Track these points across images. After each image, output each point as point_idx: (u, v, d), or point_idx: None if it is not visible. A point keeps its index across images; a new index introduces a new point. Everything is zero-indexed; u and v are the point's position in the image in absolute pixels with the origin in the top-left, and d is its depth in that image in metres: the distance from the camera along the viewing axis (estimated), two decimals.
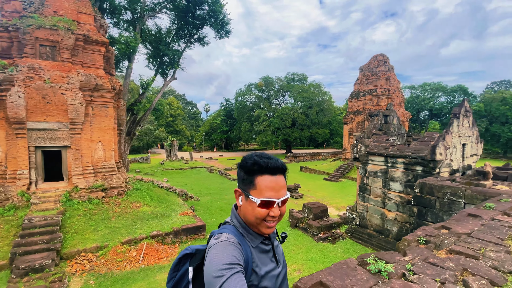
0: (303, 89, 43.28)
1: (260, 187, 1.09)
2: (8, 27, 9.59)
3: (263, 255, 1.17)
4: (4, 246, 7.86)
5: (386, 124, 12.03)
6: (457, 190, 7.00)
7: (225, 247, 1.01)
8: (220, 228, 1.20)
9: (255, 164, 1.10)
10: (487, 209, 4.93)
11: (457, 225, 4.04)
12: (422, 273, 2.67)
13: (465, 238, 3.52)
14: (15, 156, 9.78)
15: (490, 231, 3.75)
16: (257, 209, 1.10)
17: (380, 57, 25.80)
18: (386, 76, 24.86)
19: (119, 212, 10.88)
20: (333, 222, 11.87)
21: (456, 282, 2.53)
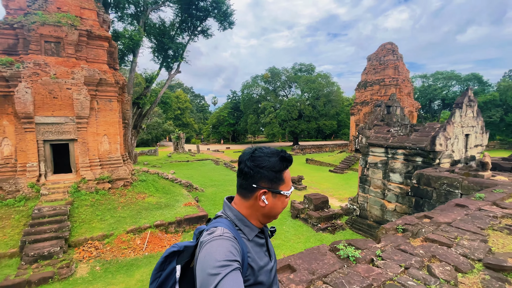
0: (310, 80, 42.70)
1: (286, 180, 1.16)
2: (13, 25, 9.90)
3: (258, 248, 1.16)
4: (15, 235, 8.36)
5: (389, 115, 11.86)
6: (454, 181, 6.94)
7: (221, 242, 0.97)
8: (213, 222, 1.15)
9: (285, 161, 1.14)
10: (476, 200, 4.91)
11: (440, 215, 4.07)
12: (390, 258, 2.75)
13: (444, 227, 3.56)
14: (24, 149, 10.25)
15: (472, 221, 3.77)
16: (285, 200, 1.18)
17: (388, 45, 25.08)
18: (395, 65, 24.20)
19: (125, 203, 11.30)
20: (334, 213, 11.95)
21: (421, 267, 2.61)
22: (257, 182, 1.11)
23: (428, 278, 2.37)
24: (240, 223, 1.13)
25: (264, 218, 1.18)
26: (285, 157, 1.14)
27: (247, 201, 1.15)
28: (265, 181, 1.11)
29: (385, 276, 2.41)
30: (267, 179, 1.11)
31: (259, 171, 1.10)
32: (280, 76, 45.03)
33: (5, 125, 10.02)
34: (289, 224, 11.79)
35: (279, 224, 11.74)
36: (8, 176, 10.04)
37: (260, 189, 1.11)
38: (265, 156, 1.13)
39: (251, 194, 1.13)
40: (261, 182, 1.11)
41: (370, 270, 2.52)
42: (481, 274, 2.50)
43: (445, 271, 2.48)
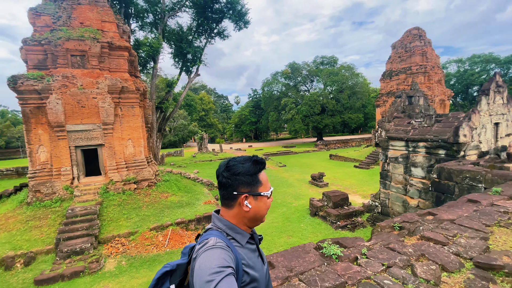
0: (333, 72, 41.43)
1: (263, 181, 1.22)
2: (41, 41, 10.93)
3: (251, 254, 1.20)
4: (51, 233, 9.30)
5: (411, 106, 11.18)
6: (477, 174, 6.41)
7: (215, 251, 1.00)
8: (204, 234, 1.19)
9: (258, 164, 1.21)
10: (492, 194, 4.53)
11: (445, 211, 3.84)
12: (374, 257, 2.69)
13: (445, 225, 3.36)
14: (58, 155, 11.31)
15: (479, 217, 3.51)
16: (268, 200, 1.24)
17: (414, 31, 23.46)
18: (422, 52, 22.60)
19: (149, 202, 11.99)
20: (354, 210, 11.60)
21: (405, 266, 2.52)
22: (236, 189, 1.17)
23: (408, 277, 2.29)
24: (231, 231, 1.18)
25: (251, 222, 1.23)
26: (257, 160, 1.22)
27: (231, 209, 1.20)
28: (243, 186, 1.17)
29: (362, 275, 2.37)
30: (245, 184, 1.17)
31: (236, 178, 1.16)
32: (301, 71, 44.25)
33: (40, 133, 11.14)
34: (307, 221, 11.68)
35: (297, 222, 11.70)
36: (45, 180, 11.17)
37: (241, 195, 1.17)
38: (238, 164, 1.20)
39: (233, 202, 1.19)
40: (240, 188, 1.17)
41: (348, 268, 2.50)
42: (467, 273, 2.37)
43: (429, 271, 2.37)
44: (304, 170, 22.85)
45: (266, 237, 10.08)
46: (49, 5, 11.76)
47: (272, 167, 24.26)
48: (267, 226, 11.24)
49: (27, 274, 7.96)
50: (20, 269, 8.20)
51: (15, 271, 8.12)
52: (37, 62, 11.38)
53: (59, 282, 7.69)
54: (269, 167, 24.36)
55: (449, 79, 43.39)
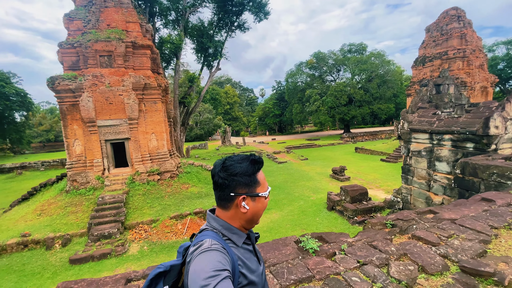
0: (361, 60, 39.35)
1: (261, 182, 1.19)
2: (74, 44, 11.88)
3: (248, 254, 1.19)
4: (84, 218, 10.29)
5: (438, 95, 10.34)
6: (506, 170, 5.82)
7: (210, 253, 0.98)
8: (199, 235, 1.16)
9: (256, 163, 1.18)
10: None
11: (450, 210, 3.61)
12: (352, 254, 2.66)
13: (443, 224, 3.17)
14: (91, 148, 12.36)
15: (487, 218, 3.25)
16: (265, 201, 1.21)
17: (452, 11, 21.29)
18: (461, 34, 20.48)
19: (171, 192, 12.68)
20: (373, 205, 11.18)
21: (381, 265, 2.47)
22: (234, 190, 1.13)
23: (380, 276, 2.25)
24: (227, 232, 1.15)
25: (248, 223, 1.20)
26: (255, 160, 1.18)
27: (228, 211, 1.17)
28: (241, 187, 1.13)
29: (332, 270, 2.37)
30: (243, 185, 1.13)
31: (233, 179, 1.12)
32: (327, 61, 42.66)
33: (75, 129, 12.24)
34: (323, 216, 11.53)
35: (312, 216, 11.60)
36: (80, 171, 12.31)
37: (238, 196, 1.13)
38: (236, 164, 1.15)
39: (230, 203, 1.15)
40: (237, 189, 1.13)
41: (321, 263, 2.50)
42: (449, 277, 2.25)
43: (405, 271, 2.30)
44: (326, 164, 22.34)
45: (280, 230, 10.17)
46: (80, 10, 12.68)
47: (293, 160, 24.07)
48: (282, 218, 11.30)
49: (63, 254, 8.97)
50: (58, 249, 9.25)
51: (54, 250, 9.18)
52: (71, 64, 12.42)
53: (89, 262, 8.56)
54: (290, 160, 24.20)
55: (496, 63, 38.94)
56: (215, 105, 51.26)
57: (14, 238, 9.23)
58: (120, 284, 2.37)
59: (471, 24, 20.99)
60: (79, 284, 2.38)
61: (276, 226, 10.49)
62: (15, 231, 9.75)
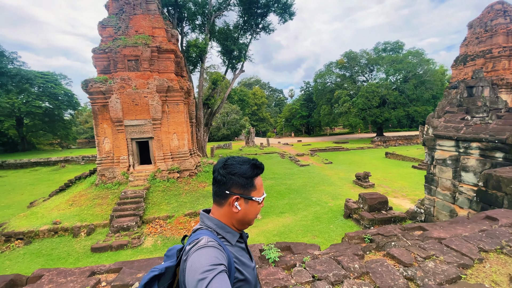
0: (396, 59, 37.00)
1: (258, 186, 1.22)
2: (105, 49, 12.92)
3: (242, 252, 1.23)
4: (108, 210, 11.14)
5: (470, 98, 9.37)
6: None
7: (207, 250, 1.01)
8: (194, 234, 1.19)
9: (256, 168, 1.22)
10: None
11: (442, 228, 3.30)
12: (312, 267, 2.58)
13: (427, 243, 2.92)
14: (118, 146, 13.35)
15: (480, 239, 2.92)
16: (258, 206, 1.23)
17: (497, 6, 19.07)
18: (507, 30, 18.26)
19: (188, 190, 13.18)
20: (393, 216, 10.48)
21: (335, 282, 2.36)
22: (229, 189, 1.18)
23: None
24: (221, 230, 1.19)
25: (239, 224, 1.23)
26: (256, 164, 1.23)
27: (221, 208, 1.21)
28: (237, 187, 1.18)
29: (281, 283, 2.32)
30: (239, 185, 1.18)
31: (231, 178, 1.17)
32: (359, 60, 40.86)
33: (105, 127, 13.30)
34: (338, 223, 11.09)
35: (327, 223, 11.23)
36: (108, 166, 13.35)
37: (232, 195, 1.18)
38: (236, 164, 1.21)
39: (224, 200, 1.20)
40: (233, 188, 1.18)
41: (274, 274, 2.46)
42: None
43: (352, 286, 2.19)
44: (351, 169, 21.42)
45: (290, 235, 10.02)
46: (112, 18, 13.77)
47: (316, 164, 23.47)
48: (295, 223, 11.11)
49: (87, 242, 9.82)
50: (83, 237, 10.15)
51: (80, 238, 10.09)
52: (103, 68, 13.54)
53: (108, 252, 9.25)
54: (313, 163, 23.63)
55: None
56: (243, 106, 51.96)
57: (46, 225, 10.33)
58: (84, 276, 2.57)
59: None
60: (51, 272, 2.63)
61: (286, 231, 10.36)
62: (48, 219, 10.91)
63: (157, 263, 3.44)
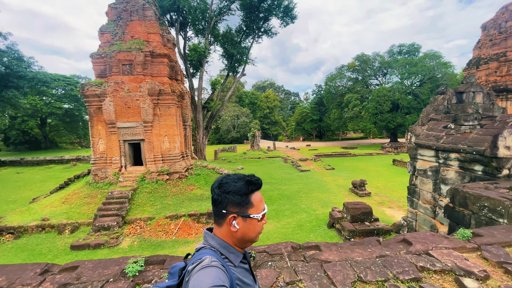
0: (411, 62, 35.40)
1: (255, 203, 1.19)
2: (102, 54, 13.47)
3: (245, 274, 1.20)
4: (95, 209, 11.50)
5: (459, 105, 8.70)
6: (498, 204, 4.62)
7: (210, 270, 0.99)
8: (197, 253, 1.16)
9: (251, 184, 1.19)
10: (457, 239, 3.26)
11: (338, 249, 3.05)
12: None
13: (307, 266, 2.71)
14: (111, 147, 13.80)
15: (369, 267, 2.65)
16: (257, 224, 1.20)
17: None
18: None
19: (175, 193, 13.33)
20: (377, 228, 9.93)
21: None
22: (225, 208, 1.16)
23: None
24: (225, 250, 1.16)
25: (240, 243, 1.20)
26: (251, 181, 1.20)
27: (221, 228, 1.19)
28: (233, 205, 1.16)
29: None
30: (235, 204, 1.16)
31: (226, 197, 1.16)
32: (372, 63, 39.56)
33: (99, 129, 13.82)
34: (319, 233, 10.70)
35: (308, 231, 10.87)
36: (102, 166, 13.83)
37: (229, 214, 1.16)
38: (231, 182, 1.19)
39: (222, 220, 1.18)
40: (229, 207, 1.16)
41: None
42: None
43: None
44: (353, 176, 20.66)
45: (266, 242, 9.78)
46: (110, 24, 14.35)
47: (317, 169, 22.89)
48: (275, 231, 10.87)
49: (69, 239, 10.18)
50: (67, 234, 10.55)
51: (63, 235, 10.49)
52: (100, 72, 14.11)
53: (86, 250, 9.53)
54: (314, 168, 23.07)
55: None
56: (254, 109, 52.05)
57: (35, 221, 10.86)
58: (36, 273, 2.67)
59: None
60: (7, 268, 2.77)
61: (263, 238, 10.13)
62: (40, 215, 11.46)
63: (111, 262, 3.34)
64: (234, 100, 53.92)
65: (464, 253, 2.96)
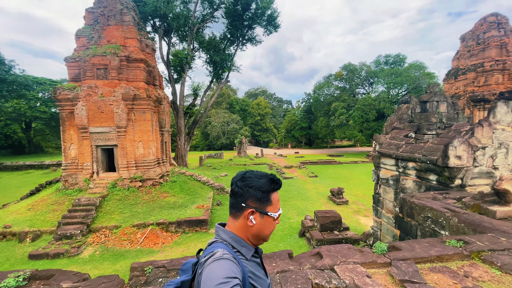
0: (396, 72, 36.08)
1: (274, 202, 1.21)
2: (76, 58, 13.26)
3: (257, 267, 1.21)
4: (60, 217, 11.09)
5: (423, 114, 8.76)
6: (440, 216, 4.55)
7: (222, 262, 1.00)
8: (210, 247, 1.17)
9: (273, 183, 1.21)
10: (375, 252, 3.14)
11: None
12: None
13: None
14: (83, 152, 13.47)
15: None
16: (272, 223, 1.22)
17: (491, 18, 18.20)
18: (500, 44, 17.30)
19: (147, 200, 13.00)
20: (345, 237, 9.77)
21: None
22: (245, 201, 1.19)
23: None
24: (237, 244, 1.17)
25: (254, 239, 1.21)
26: (274, 179, 1.22)
27: (237, 220, 1.20)
28: (253, 200, 1.18)
29: None
30: (255, 199, 1.18)
31: (248, 190, 1.18)
32: (359, 73, 40.20)
33: (71, 134, 13.50)
34: (289, 242, 10.50)
35: (278, 240, 10.66)
36: (72, 172, 13.45)
37: (248, 208, 1.18)
38: (254, 177, 1.21)
39: (240, 213, 1.20)
40: (249, 201, 1.18)
41: None
42: None
43: None
44: (335, 183, 20.59)
45: None
46: (87, 28, 14.21)
47: (301, 177, 22.80)
48: None
49: (29, 248, 9.74)
50: (28, 243, 10.11)
51: (24, 244, 10.05)
52: (74, 76, 13.88)
53: (44, 259, 9.11)
54: (298, 176, 22.97)
55: None
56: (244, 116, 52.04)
57: None
58: None
59: None
60: None
61: None
62: (3, 222, 10.99)
63: None
64: (224, 106, 53.91)
65: (373, 269, 2.83)
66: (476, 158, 5.74)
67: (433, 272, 2.77)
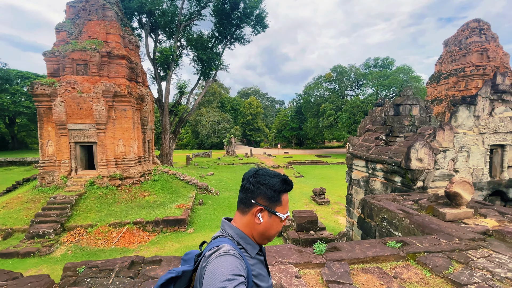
0: (384, 75, 36.63)
1: (283, 203, 1.20)
2: (55, 53, 12.98)
3: (260, 265, 1.20)
4: (33, 215, 10.84)
5: (396, 117, 8.92)
6: (394, 217, 4.64)
7: (228, 258, 0.99)
8: (215, 241, 1.15)
9: (285, 183, 1.20)
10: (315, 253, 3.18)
11: (169, 265, 2.89)
12: None
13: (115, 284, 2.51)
14: (61, 149, 13.20)
15: None
16: (280, 223, 1.21)
17: (473, 24, 18.66)
18: (481, 49, 17.76)
19: (125, 199, 12.83)
20: (321, 237, 9.86)
21: None
22: (255, 198, 1.17)
23: None
24: (242, 241, 1.16)
25: (259, 237, 1.20)
26: (286, 180, 1.20)
27: (244, 216, 1.19)
28: (263, 198, 1.16)
29: None
30: (266, 197, 1.16)
31: (259, 187, 1.16)
32: (349, 74, 40.64)
33: (49, 130, 13.22)
34: None
35: None
36: (49, 170, 13.17)
37: (257, 206, 1.16)
38: (267, 175, 1.19)
39: (248, 209, 1.18)
40: (259, 198, 1.16)
41: None
42: None
43: None
44: (319, 183, 20.78)
45: None
46: (67, 22, 13.92)
47: None
48: None
49: (0, 247, 9.51)
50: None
51: None
52: (53, 71, 13.58)
53: (15, 258, 8.89)
54: None
55: None
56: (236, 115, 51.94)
57: None
58: None
59: (495, 39, 18.08)
60: None
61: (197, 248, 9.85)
62: None
63: None
64: (216, 105, 53.68)
65: (307, 269, 2.87)
66: (437, 161, 5.89)
67: (364, 273, 2.82)
